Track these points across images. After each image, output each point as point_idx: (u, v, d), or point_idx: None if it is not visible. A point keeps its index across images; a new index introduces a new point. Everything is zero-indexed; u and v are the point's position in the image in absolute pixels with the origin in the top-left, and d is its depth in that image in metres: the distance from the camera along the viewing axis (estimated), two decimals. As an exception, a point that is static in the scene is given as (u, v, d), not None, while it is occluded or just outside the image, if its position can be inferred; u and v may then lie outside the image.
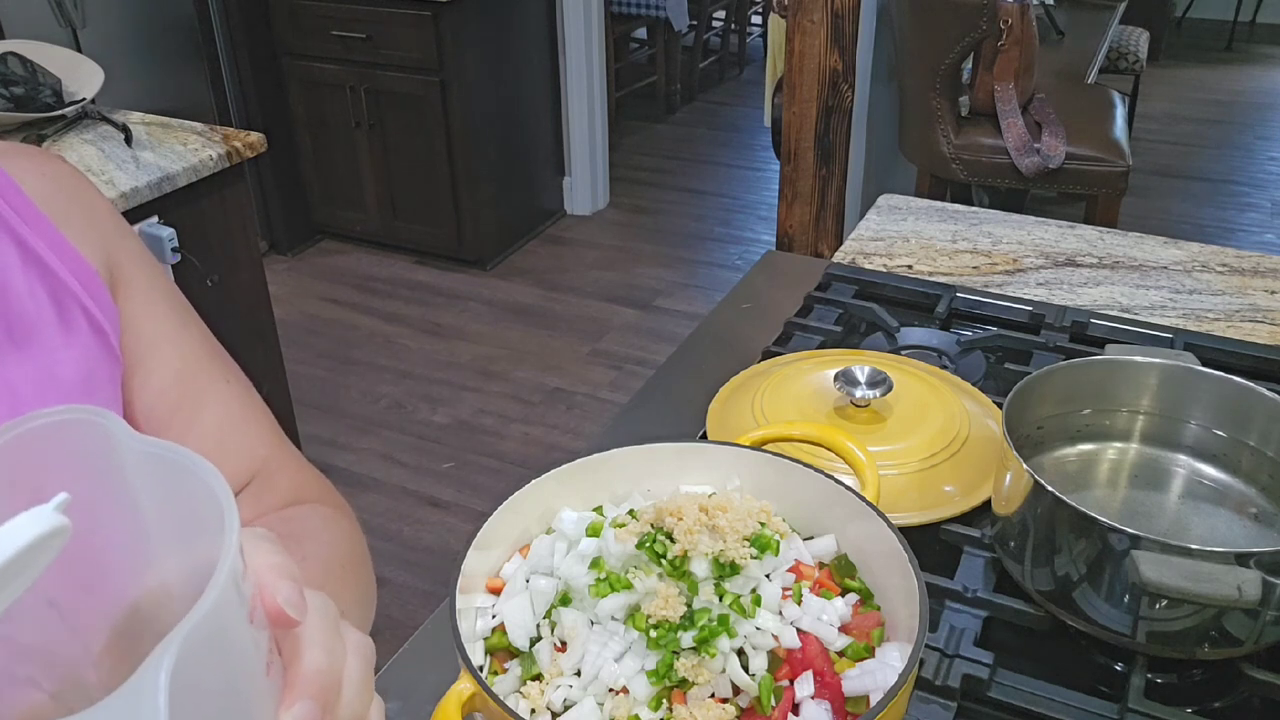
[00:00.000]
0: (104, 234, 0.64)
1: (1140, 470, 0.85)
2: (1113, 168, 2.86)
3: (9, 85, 1.80)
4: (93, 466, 0.33)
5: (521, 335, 3.33)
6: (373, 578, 0.71)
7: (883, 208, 1.48)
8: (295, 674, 0.34)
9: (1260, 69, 5.83)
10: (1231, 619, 0.66)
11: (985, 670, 0.70)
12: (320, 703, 0.34)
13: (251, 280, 2.01)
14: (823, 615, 0.60)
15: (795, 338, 1.11)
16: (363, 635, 0.39)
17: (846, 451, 0.77)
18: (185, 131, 1.88)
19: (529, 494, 0.67)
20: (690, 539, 0.58)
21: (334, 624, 0.37)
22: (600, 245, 3.91)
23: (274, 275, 2.90)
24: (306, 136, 3.68)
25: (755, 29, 6.05)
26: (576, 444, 2.81)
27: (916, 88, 2.93)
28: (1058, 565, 0.72)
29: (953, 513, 0.83)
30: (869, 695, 0.56)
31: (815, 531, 0.67)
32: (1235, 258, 1.33)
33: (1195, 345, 1.04)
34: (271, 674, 0.33)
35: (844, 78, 2.47)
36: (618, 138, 4.66)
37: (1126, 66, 4.17)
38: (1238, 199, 4.26)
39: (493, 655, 0.61)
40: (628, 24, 4.89)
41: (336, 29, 3.42)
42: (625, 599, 0.58)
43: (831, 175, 2.61)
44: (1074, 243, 1.38)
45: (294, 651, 0.35)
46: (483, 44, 3.42)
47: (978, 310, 1.17)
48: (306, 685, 0.34)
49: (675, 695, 0.55)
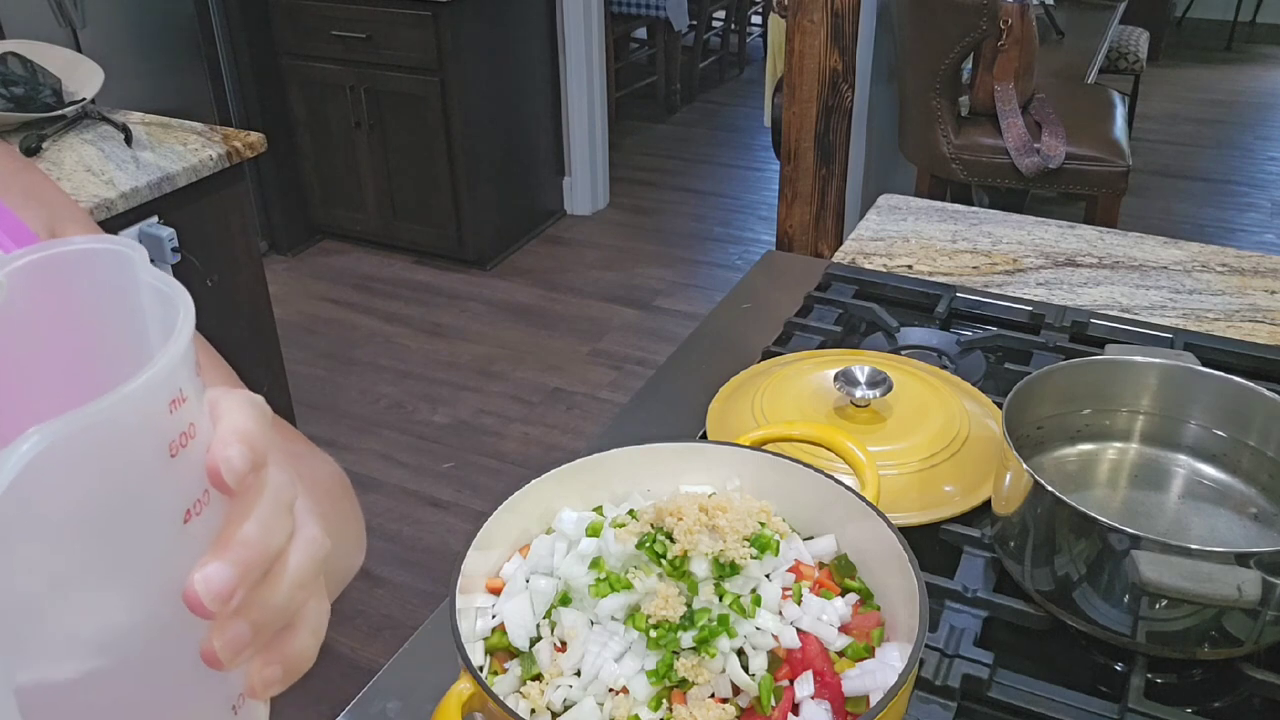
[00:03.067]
0: (47, 204, 0.61)
1: (1140, 470, 0.85)
2: (1113, 168, 2.86)
3: (9, 85, 1.80)
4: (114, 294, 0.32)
5: (521, 335, 3.33)
6: (360, 516, 0.67)
7: (883, 208, 1.48)
8: (222, 538, 0.32)
9: (1260, 69, 5.83)
10: (1231, 619, 0.66)
11: (985, 670, 0.70)
12: (238, 572, 0.31)
13: (251, 280, 2.01)
14: (823, 615, 0.60)
15: (795, 338, 1.11)
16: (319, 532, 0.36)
17: (846, 451, 0.77)
18: (185, 131, 1.88)
19: (529, 494, 0.67)
20: (690, 539, 0.58)
21: (284, 506, 0.34)
22: (600, 245, 3.91)
23: (274, 275, 2.90)
24: (306, 136, 3.68)
25: (755, 29, 6.05)
26: (576, 444, 2.81)
27: (916, 88, 2.93)
28: (1058, 565, 0.72)
29: (953, 513, 0.83)
30: (869, 695, 0.56)
31: (815, 531, 0.67)
32: (1235, 258, 1.33)
33: (1195, 345, 1.04)
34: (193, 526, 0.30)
35: (844, 78, 2.47)
36: (618, 138, 4.66)
37: (1126, 66, 4.17)
38: (1238, 199, 4.26)
39: (493, 655, 0.61)
40: (628, 24, 4.89)
41: (336, 29, 3.42)
42: (625, 599, 0.58)
43: (831, 175, 2.61)
44: (1074, 243, 1.38)
45: (230, 519, 0.32)
46: (483, 44, 3.42)
47: (978, 310, 1.17)
48: (227, 550, 0.31)
49: (675, 695, 0.55)
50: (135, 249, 0.32)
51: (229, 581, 0.31)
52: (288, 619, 0.34)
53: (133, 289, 0.32)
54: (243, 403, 0.33)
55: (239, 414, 0.32)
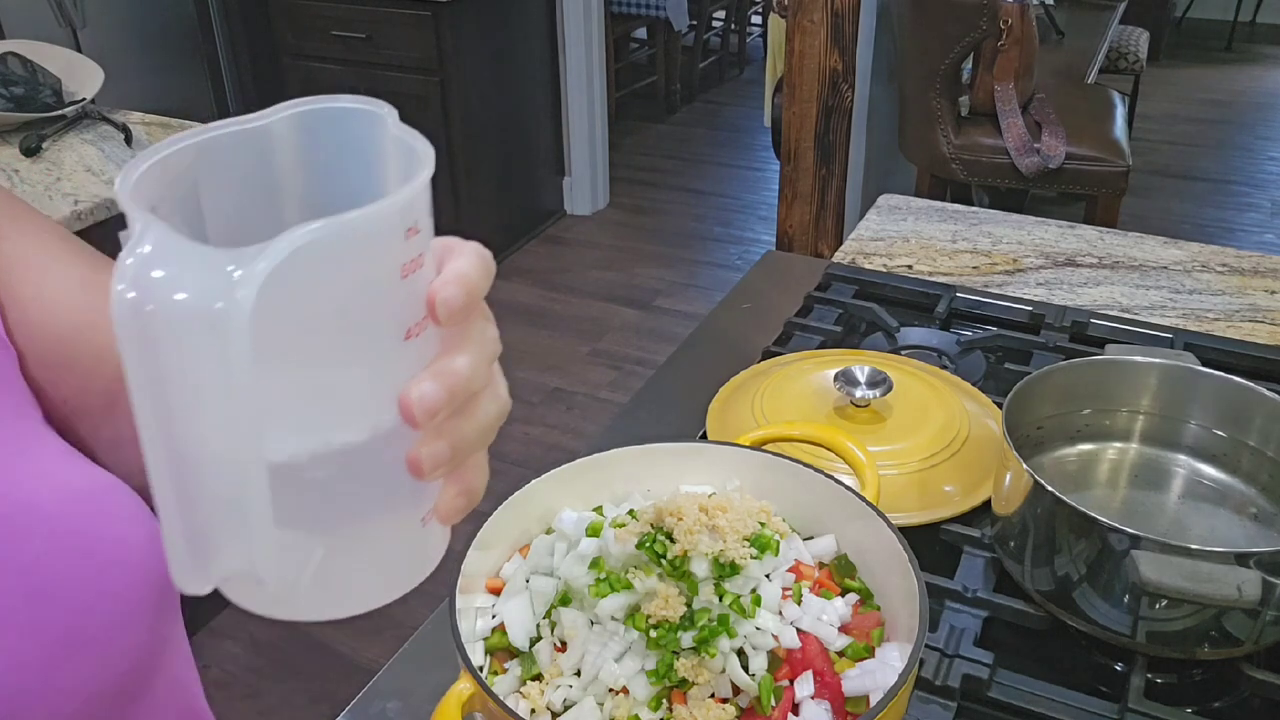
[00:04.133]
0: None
1: (1140, 470, 0.85)
2: (1113, 168, 2.86)
3: (9, 85, 1.80)
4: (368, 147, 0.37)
5: (521, 335, 3.33)
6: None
7: (883, 208, 1.48)
8: (438, 363, 0.36)
9: (1260, 69, 5.83)
10: (1231, 619, 0.66)
11: (985, 670, 0.70)
12: (446, 394, 0.35)
13: (251, 280, 2.01)
14: (823, 615, 0.60)
15: (795, 338, 1.11)
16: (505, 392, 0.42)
17: (846, 451, 0.77)
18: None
19: (529, 494, 0.67)
20: (690, 539, 0.58)
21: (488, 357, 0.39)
22: (600, 245, 3.91)
23: (274, 275, 2.89)
24: (306, 136, 3.68)
25: (755, 29, 6.05)
26: (576, 444, 2.81)
27: (916, 88, 2.93)
28: (1058, 565, 0.72)
29: (953, 513, 0.83)
30: (869, 695, 0.56)
31: (815, 531, 0.67)
32: (1235, 258, 1.33)
33: (1195, 345, 1.04)
34: (413, 343, 0.35)
35: (844, 78, 2.47)
36: (618, 138, 4.66)
37: (1126, 66, 4.17)
38: (1238, 199, 4.26)
39: (493, 655, 0.61)
40: (628, 24, 4.89)
41: (336, 29, 3.42)
42: (625, 599, 0.58)
43: (831, 175, 2.61)
44: (1074, 243, 1.38)
45: (444, 350, 0.37)
46: (483, 44, 3.42)
47: (978, 310, 1.17)
48: (441, 374, 0.36)
49: (675, 695, 0.55)
50: (386, 109, 0.36)
51: (439, 399, 0.35)
52: (475, 453, 0.39)
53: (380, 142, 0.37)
54: (472, 252, 0.38)
55: (466, 260, 0.37)
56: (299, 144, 0.36)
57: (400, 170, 0.36)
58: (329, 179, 0.37)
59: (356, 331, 0.33)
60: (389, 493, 0.37)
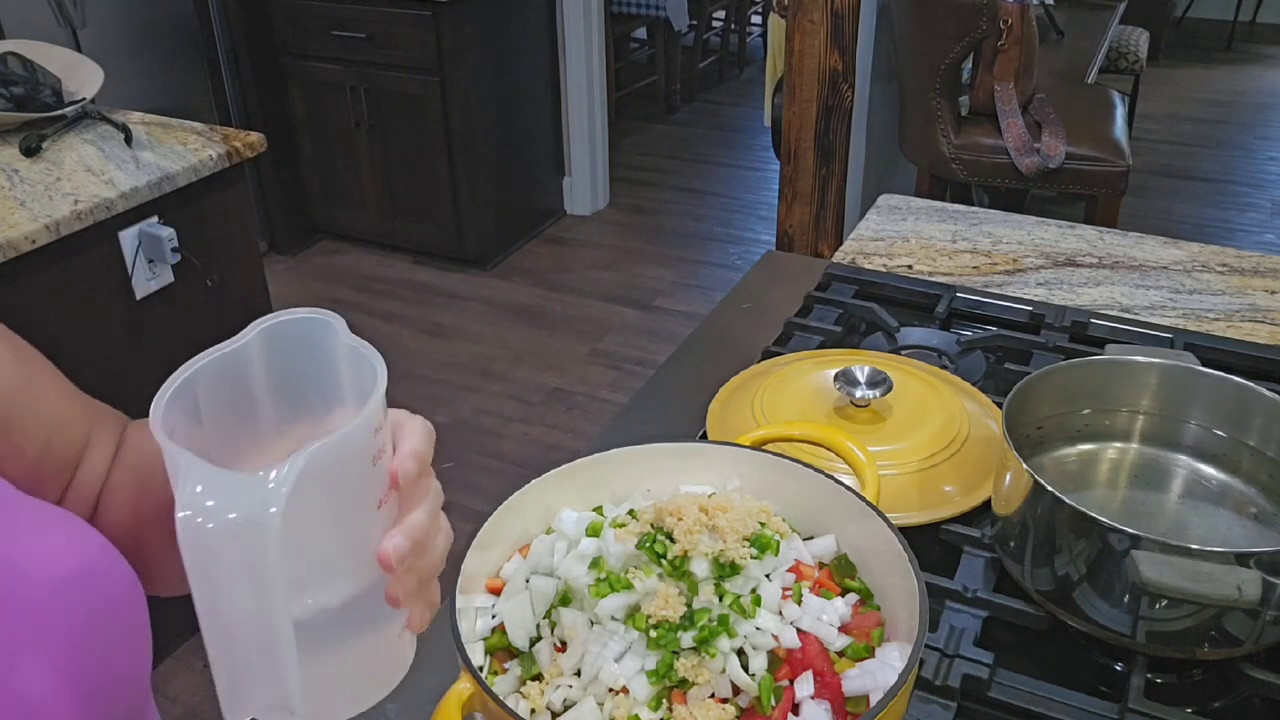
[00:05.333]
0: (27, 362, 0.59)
1: (1140, 470, 0.85)
2: (1113, 168, 2.86)
3: (9, 85, 1.80)
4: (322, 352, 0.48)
5: (521, 335, 3.33)
6: None
7: (883, 208, 1.48)
8: (403, 521, 0.47)
9: (1260, 69, 5.83)
10: (1231, 619, 0.66)
11: (985, 670, 0.70)
12: (412, 544, 0.47)
13: (251, 280, 2.01)
14: (823, 615, 0.60)
15: (795, 338, 1.11)
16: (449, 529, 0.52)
17: (846, 451, 0.77)
18: (185, 131, 1.88)
19: (529, 494, 0.67)
20: (690, 539, 0.58)
21: (437, 507, 0.51)
22: (600, 245, 3.91)
23: (274, 275, 2.89)
24: (306, 136, 3.68)
25: (755, 29, 6.05)
26: (576, 444, 2.81)
27: (916, 88, 2.93)
28: (1058, 565, 0.72)
29: (953, 513, 0.83)
30: (869, 695, 0.56)
31: (815, 531, 0.67)
32: (1235, 258, 1.33)
33: (1195, 345, 1.04)
34: (383, 510, 0.46)
35: (844, 78, 2.47)
36: (618, 138, 4.66)
37: (1126, 66, 4.17)
38: (1238, 199, 4.26)
39: (493, 655, 0.61)
40: (628, 24, 4.88)
41: (336, 29, 3.42)
42: (625, 599, 0.58)
43: (831, 175, 2.61)
44: (1074, 243, 1.38)
45: (405, 508, 0.48)
46: (483, 44, 3.42)
47: (978, 310, 1.17)
48: (406, 529, 0.47)
49: (675, 695, 0.55)
50: (335, 318, 0.48)
51: (405, 548, 0.47)
52: (432, 580, 0.50)
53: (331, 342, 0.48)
54: (419, 428, 0.50)
55: (416, 437, 0.49)
56: (267, 351, 0.47)
57: (349, 361, 0.48)
58: (293, 374, 0.48)
59: (346, 510, 0.45)
60: (374, 620, 0.48)
